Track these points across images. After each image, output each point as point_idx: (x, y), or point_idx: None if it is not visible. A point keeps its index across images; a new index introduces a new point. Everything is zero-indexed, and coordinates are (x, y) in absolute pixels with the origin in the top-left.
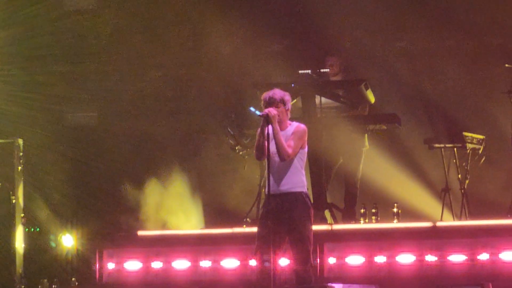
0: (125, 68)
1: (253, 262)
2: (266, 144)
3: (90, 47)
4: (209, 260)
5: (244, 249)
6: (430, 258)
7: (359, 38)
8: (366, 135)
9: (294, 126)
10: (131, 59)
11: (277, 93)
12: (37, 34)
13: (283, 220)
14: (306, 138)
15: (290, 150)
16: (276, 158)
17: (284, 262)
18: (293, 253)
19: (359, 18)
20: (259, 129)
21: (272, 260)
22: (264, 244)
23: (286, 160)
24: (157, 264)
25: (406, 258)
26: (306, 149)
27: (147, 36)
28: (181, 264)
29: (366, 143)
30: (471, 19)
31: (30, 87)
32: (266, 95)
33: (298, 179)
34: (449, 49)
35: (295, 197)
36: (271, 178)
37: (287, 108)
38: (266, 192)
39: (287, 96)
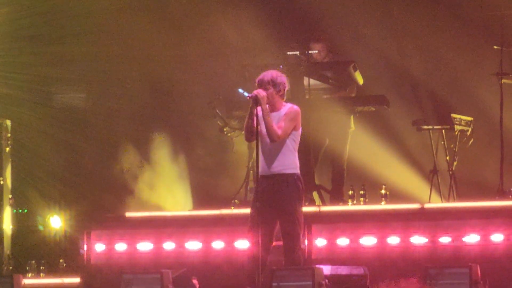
0: (114, 49)
1: (243, 244)
2: (255, 125)
3: (78, 28)
4: (197, 242)
5: (232, 231)
6: (418, 239)
7: (347, 20)
8: (352, 116)
9: (287, 107)
10: (119, 40)
11: (267, 74)
12: (25, 15)
13: (274, 201)
14: (299, 120)
15: (280, 132)
16: (267, 140)
17: (273, 243)
18: (283, 235)
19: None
20: (249, 111)
21: (261, 242)
22: (256, 225)
23: (275, 141)
24: (145, 246)
25: (394, 240)
26: (299, 131)
27: (136, 17)
28: (168, 245)
29: (352, 124)
30: (460, 1)
31: (18, 68)
32: (259, 77)
33: (290, 161)
34: (438, 31)
35: (286, 179)
36: (262, 159)
37: (278, 90)
38: (255, 174)
39: (279, 78)
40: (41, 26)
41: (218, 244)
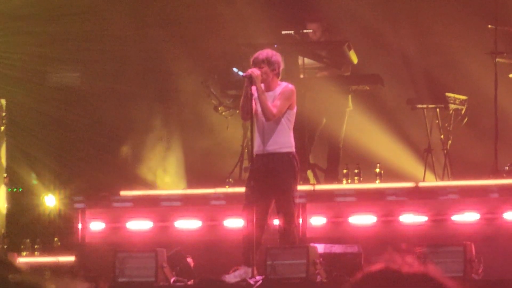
0: (108, 28)
1: (237, 222)
2: (249, 104)
3: (73, 7)
4: (192, 220)
5: (227, 209)
6: (413, 218)
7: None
8: (349, 95)
9: (282, 86)
10: (114, 19)
11: (262, 53)
12: None
13: (269, 180)
14: (294, 99)
15: (275, 110)
16: (263, 118)
17: (269, 222)
18: (278, 214)
19: None
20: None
21: (256, 220)
22: (250, 204)
23: (271, 120)
24: (139, 224)
25: (388, 218)
26: (294, 110)
27: None
28: (163, 224)
29: (350, 103)
30: None
31: (12, 48)
32: (253, 55)
33: (286, 140)
34: (432, 9)
35: (281, 158)
36: (258, 138)
37: (272, 69)
38: (252, 153)
39: (274, 57)
40: (35, 6)
41: (213, 223)
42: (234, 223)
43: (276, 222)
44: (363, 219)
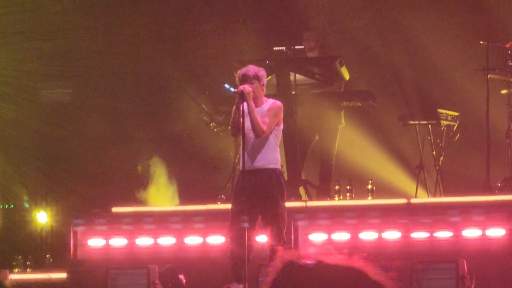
0: (101, 45)
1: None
2: (241, 120)
3: (64, 24)
4: (194, 236)
5: (218, 226)
6: (404, 234)
7: (333, 15)
8: (342, 112)
9: (269, 102)
10: (106, 36)
11: (251, 69)
12: (10, 11)
13: (256, 196)
14: (281, 115)
15: (265, 127)
16: (251, 135)
17: (257, 238)
18: (265, 230)
19: None
20: (234, 106)
21: (243, 237)
22: (237, 220)
23: (261, 136)
24: (131, 241)
25: (380, 235)
26: (281, 126)
27: (122, 12)
28: (155, 241)
29: (342, 120)
30: None
31: (4, 64)
32: (240, 71)
33: (273, 156)
34: (424, 26)
35: (269, 174)
36: (245, 154)
37: (262, 84)
38: (241, 169)
39: (261, 72)
40: (27, 23)
41: (204, 239)
42: (217, 240)
43: (264, 239)
44: (355, 236)
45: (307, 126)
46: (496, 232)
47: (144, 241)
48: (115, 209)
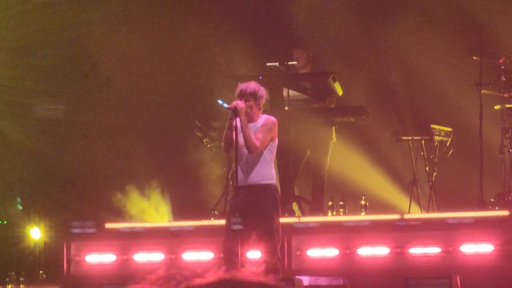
0: (92, 61)
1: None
2: (234, 136)
3: (58, 40)
4: (179, 253)
5: (212, 242)
6: (398, 250)
7: (326, 31)
8: (333, 128)
9: (263, 118)
10: (99, 52)
11: (250, 86)
12: (4, 27)
13: (250, 212)
14: (276, 131)
15: (258, 143)
16: (245, 150)
17: (252, 254)
18: (260, 246)
19: (326, 10)
20: (227, 122)
21: (239, 252)
22: (232, 236)
23: (253, 152)
24: (124, 257)
25: (373, 251)
26: (276, 142)
27: (116, 28)
28: (149, 257)
29: (334, 135)
30: (438, 12)
31: None
32: (240, 86)
33: (267, 172)
34: (417, 41)
35: (264, 190)
36: (239, 170)
37: (258, 103)
38: (235, 184)
39: (260, 91)
40: (21, 39)
41: (198, 255)
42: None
43: (258, 255)
44: (348, 251)
45: (299, 142)
46: (490, 248)
47: (137, 257)
48: (108, 225)
